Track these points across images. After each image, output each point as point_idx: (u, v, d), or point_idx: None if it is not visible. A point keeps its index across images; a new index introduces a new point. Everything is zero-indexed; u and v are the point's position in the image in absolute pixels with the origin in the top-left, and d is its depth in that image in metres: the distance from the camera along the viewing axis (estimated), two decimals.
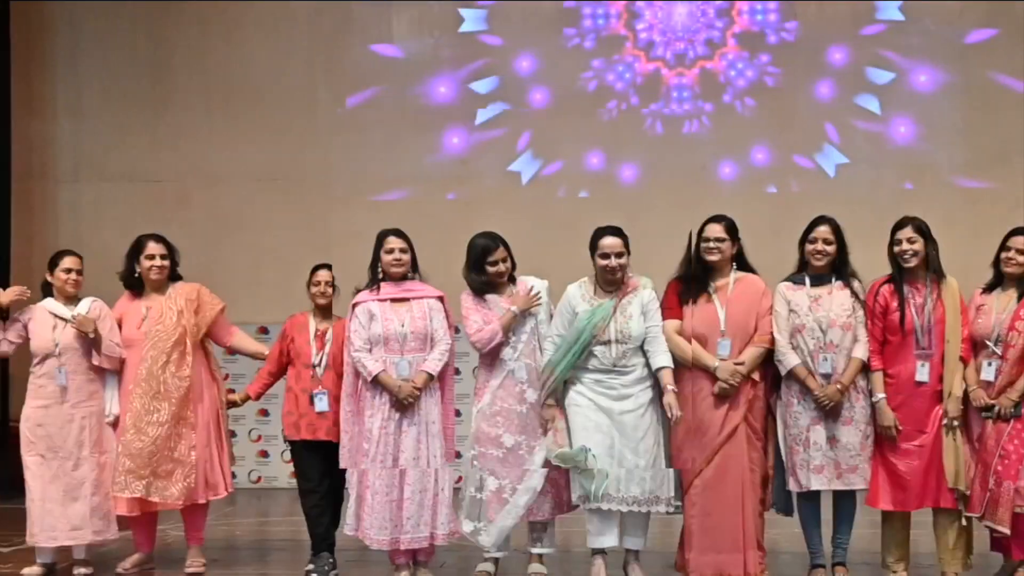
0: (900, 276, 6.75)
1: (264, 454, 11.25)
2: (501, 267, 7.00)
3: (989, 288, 6.78)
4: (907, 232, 6.74)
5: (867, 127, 11.69)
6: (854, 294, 6.76)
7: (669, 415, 6.63)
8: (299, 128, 11.97)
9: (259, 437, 11.04)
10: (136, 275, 7.43)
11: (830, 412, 6.66)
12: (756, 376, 6.77)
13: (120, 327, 7.37)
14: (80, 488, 7.20)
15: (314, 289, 7.36)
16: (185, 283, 7.51)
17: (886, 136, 11.71)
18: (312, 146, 12.00)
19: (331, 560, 7.22)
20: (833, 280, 6.79)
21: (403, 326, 6.91)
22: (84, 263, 7.46)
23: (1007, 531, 6.50)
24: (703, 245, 6.81)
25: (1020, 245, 6.64)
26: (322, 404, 7.20)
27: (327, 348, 7.27)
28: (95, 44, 12.06)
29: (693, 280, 6.83)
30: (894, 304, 6.69)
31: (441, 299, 7.09)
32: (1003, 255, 6.70)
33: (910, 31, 11.68)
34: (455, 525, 7.00)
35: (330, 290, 7.35)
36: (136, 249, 7.45)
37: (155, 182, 12.00)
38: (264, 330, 10.48)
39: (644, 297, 6.82)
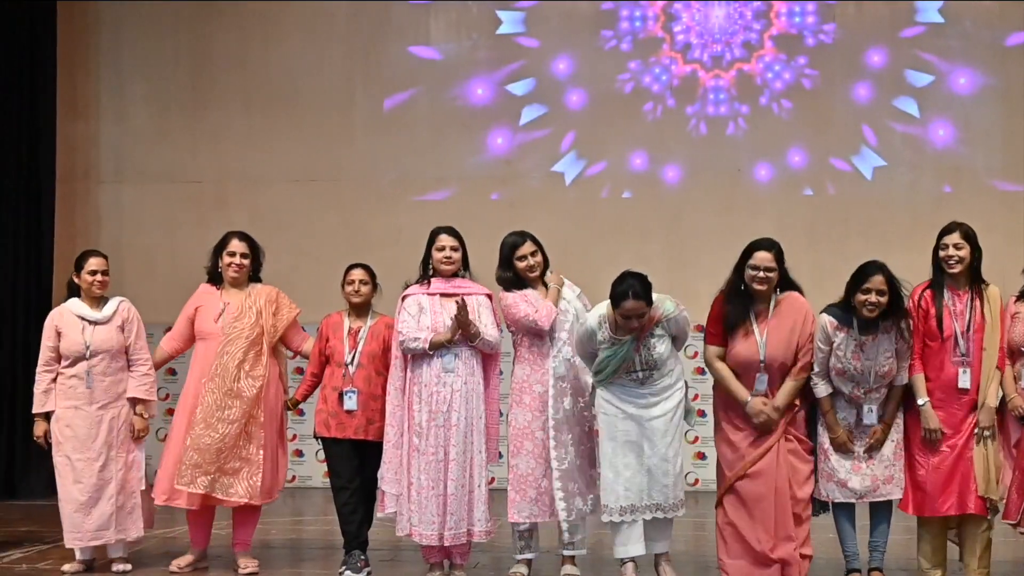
0: (941, 281, 6.68)
1: (299, 453, 11.32)
2: (531, 260, 7.02)
3: (1022, 296, 6.70)
4: (954, 238, 6.64)
5: (905, 130, 11.63)
6: (901, 335, 6.59)
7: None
8: (338, 129, 12.05)
9: (294, 436, 11.08)
10: (219, 270, 7.53)
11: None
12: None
13: (195, 317, 7.47)
14: (106, 488, 7.27)
15: (348, 288, 7.41)
16: (265, 285, 7.60)
17: (924, 139, 11.64)
18: (351, 147, 12.07)
19: (363, 558, 7.25)
20: (880, 324, 6.59)
21: (451, 320, 6.95)
22: (124, 263, 7.53)
23: None
24: (752, 273, 6.62)
25: None
26: (351, 403, 7.24)
27: (360, 347, 7.31)
28: (137, 45, 12.18)
29: (735, 303, 6.67)
30: (933, 310, 6.65)
31: (490, 296, 7.15)
32: None
33: (949, 33, 11.61)
34: (492, 524, 7.04)
35: (365, 288, 7.38)
36: (220, 245, 7.56)
37: (195, 183, 12.11)
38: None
39: (670, 327, 6.71)
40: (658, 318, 6.67)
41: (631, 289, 6.51)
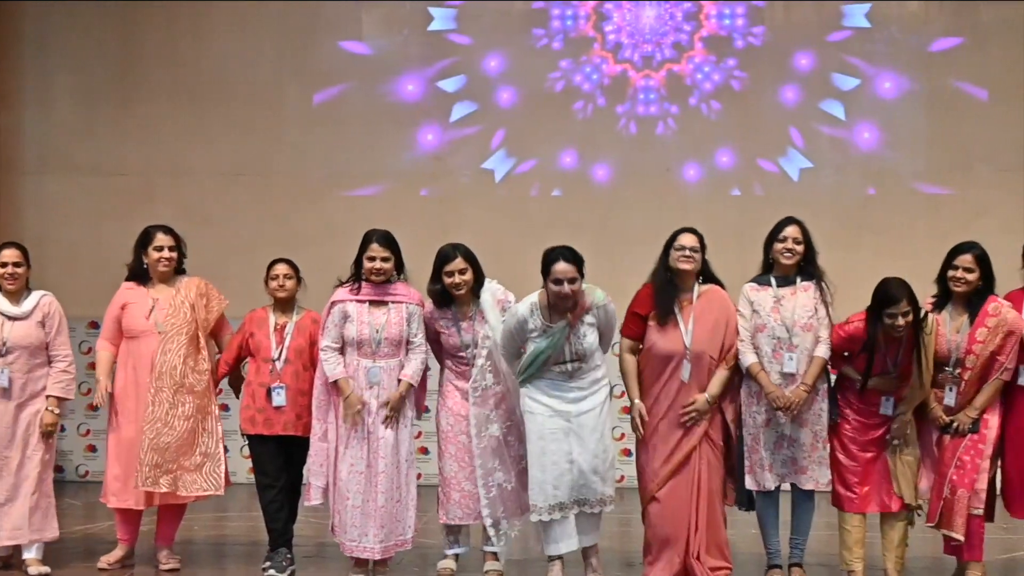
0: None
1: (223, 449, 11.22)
2: (457, 278, 6.91)
3: (937, 307, 6.77)
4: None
5: (831, 132, 11.77)
6: (820, 294, 6.77)
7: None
8: (267, 123, 11.96)
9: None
10: (144, 266, 7.38)
11: (787, 412, 6.68)
12: None
13: (122, 316, 7.32)
14: (21, 487, 7.11)
15: (272, 283, 7.33)
16: (191, 277, 7.47)
17: (850, 141, 11.79)
18: (281, 141, 11.99)
19: (289, 556, 7.22)
20: (799, 280, 6.80)
21: (378, 332, 6.90)
22: (47, 256, 7.40)
23: (961, 538, 6.59)
24: (678, 254, 6.75)
25: (967, 263, 6.61)
26: (279, 399, 7.19)
27: (287, 342, 7.25)
28: (63, 36, 12.01)
29: (660, 294, 6.77)
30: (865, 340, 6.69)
31: (422, 304, 7.07)
32: (949, 273, 6.67)
33: (875, 38, 11.77)
34: (416, 525, 7.05)
35: (289, 283, 7.31)
36: (144, 239, 7.39)
37: (121, 175, 11.96)
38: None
39: (599, 317, 6.73)
40: (588, 305, 6.69)
41: (561, 255, 6.59)
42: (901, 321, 6.50)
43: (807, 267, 6.82)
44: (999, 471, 6.79)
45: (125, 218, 11.31)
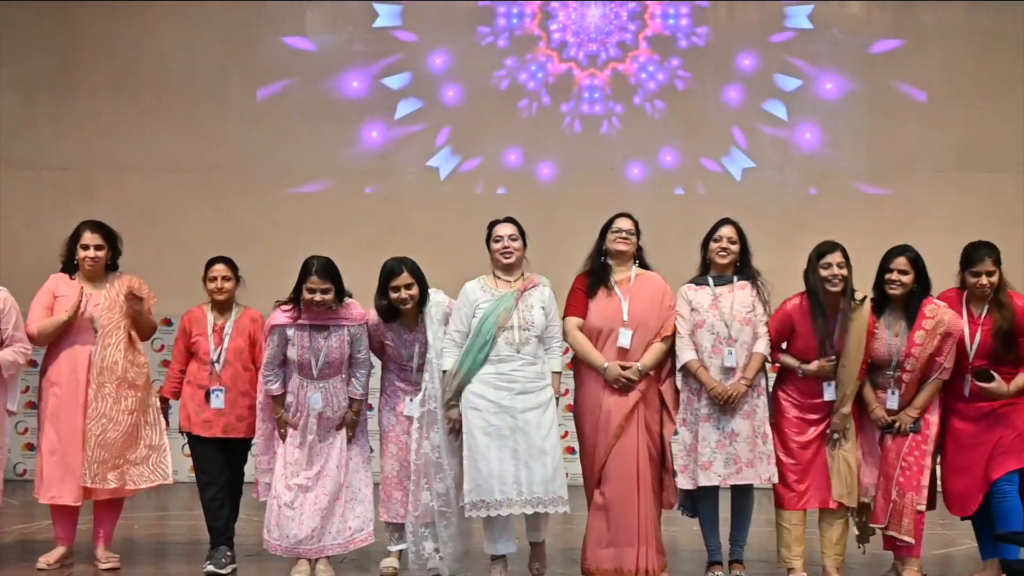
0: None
1: None
2: (403, 293, 6.85)
3: (876, 312, 6.80)
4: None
5: (774, 132, 11.88)
6: (756, 291, 6.87)
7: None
8: (210, 119, 11.89)
9: None
10: (74, 261, 7.29)
11: (727, 407, 6.74)
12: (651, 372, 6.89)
13: (54, 305, 7.20)
14: None
15: (210, 284, 7.25)
16: (124, 274, 7.34)
17: (792, 142, 11.90)
18: (224, 137, 11.93)
19: (229, 554, 7.18)
20: (735, 279, 6.89)
21: (320, 356, 6.88)
22: None
23: (911, 541, 6.66)
24: (614, 235, 6.92)
25: (902, 266, 6.70)
26: (218, 402, 7.15)
27: (225, 343, 7.20)
28: (2, 29, 11.85)
29: (595, 274, 6.94)
30: (804, 323, 6.77)
31: (366, 322, 7.02)
32: (885, 277, 6.75)
33: (817, 39, 11.90)
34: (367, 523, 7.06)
35: (228, 284, 7.24)
36: (74, 236, 7.30)
37: (60, 170, 11.84)
38: (168, 322, 10.42)
39: (544, 295, 6.85)
40: (537, 281, 6.86)
41: (504, 219, 6.97)
42: (836, 271, 6.64)
43: (743, 267, 6.93)
44: (939, 467, 6.88)
45: (64, 213, 11.15)
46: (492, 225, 6.99)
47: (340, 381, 6.97)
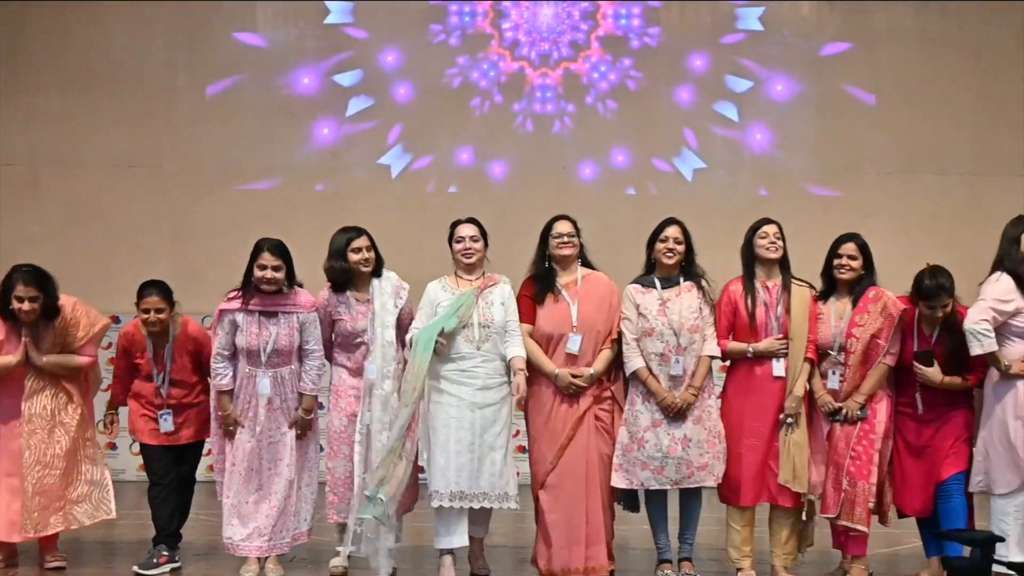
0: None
1: (112, 446, 11.03)
2: (365, 254, 6.94)
3: (823, 297, 6.96)
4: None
5: (725, 133, 11.94)
6: (702, 293, 6.91)
7: (514, 393, 6.75)
8: (159, 114, 11.80)
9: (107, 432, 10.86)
10: (9, 306, 7.00)
11: (677, 415, 6.78)
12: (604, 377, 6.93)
13: None
14: None
15: (143, 315, 7.13)
16: (63, 303, 7.09)
17: (743, 143, 11.97)
18: (173, 133, 11.83)
19: (165, 553, 7.16)
20: (682, 281, 6.92)
21: (268, 343, 6.84)
22: None
23: (865, 529, 6.73)
24: (556, 241, 6.94)
25: (851, 251, 6.86)
26: (167, 425, 7.16)
27: (168, 367, 7.17)
28: None
29: (540, 280, 6.96)
30: (742, 302, 6.86)
31: (317, 310, 7.00)
32: (835, 262, 6.89)
33: (768, 41, 11.97)
34: (311, 523, 7.02)
35: (161, 315, 7.09)
36: (7, 284, 6.97)
37: (7, 165, 11.70)
38: (116, 319, 10.32)
39: (504, 292, 6.94)
40: (497, 280, 6.93)
41: (466, 220, 7.04)
42: (773, 239, 6.85)
43: (688, 267, 6.96)
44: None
45: (10, 209, 11.12)
46: (454, 225, 7.04)
47: (290, 372, 6.92)
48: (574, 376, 6.79)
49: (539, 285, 6.96)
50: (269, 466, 6.88)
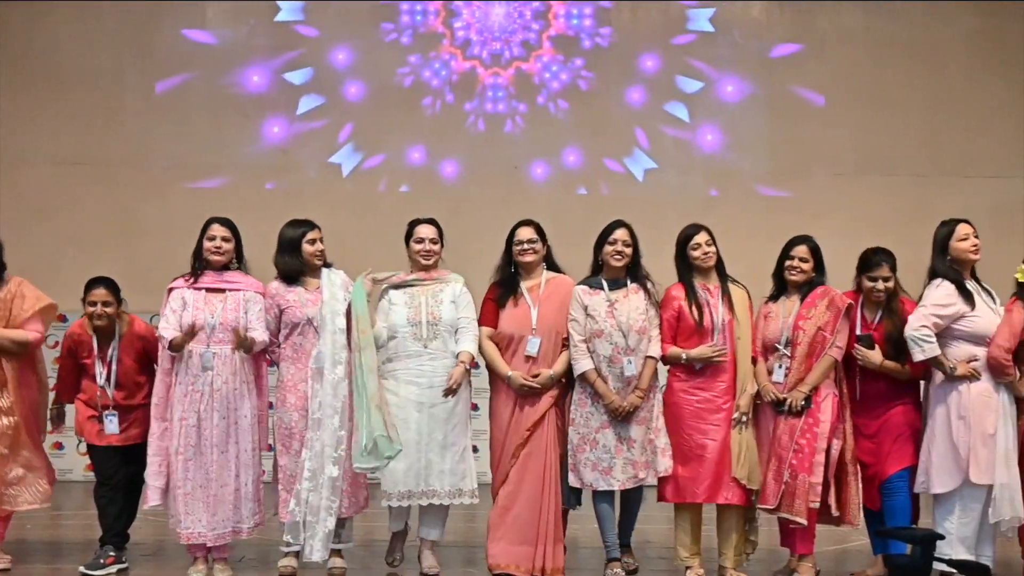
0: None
1: (59, 446, 10.92)
2: (320, 245, 6.99)
3: (773, 297, 7.03)
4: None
5: (675, 134, 11.99)
6: (648, 296, 6.95)
7: (446, 382, 6.79)
8: (107, 111, 11.70)
9: (53, 429, 10.74)
10: None
11: (624, 416, 6.82)
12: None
13: None
14: None
15: (89, 309, 7.08)
16: (8, 282, 7.09)
17: (693, 143, 12.02)
18: (121, 130, 11.75)
19: (112, 554, 7.09)
20: (628, 283, 6.96)
21: (213, 317, 6.80)
22: None
23: (804, 522, 6.74)
24: (517, 248, 7.00)
25: (802, 254, 6.91)
26: (112, 427, 7.07)
27: (113, 367, 7.09)
28: None
29: (504, 283, 7.02)
30: (685, 304, 6.88)
31: (262, 293, 6.97)
32: (787, 263, 6.95)
33: (719, 42, 12.03)
34: (260, 518, 6.94)
35: (108, 310, 7.04)
36: None
37: None
38: (63, 318, 10.21)
39: (456, 290, 6.98)
40: (446, 274, 7.00)
41: (425, 220, 7.10)
42: (706, 248, 6.88)
43: (634, 269, 7.01)
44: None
45: None
46: (414, 224, 7.10)
47: (233, 351, 6.84)
48: (533, 377, 6.83)
49: (502, 289, 7.03)
50: (211, 450, 6.75)
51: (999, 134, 11.97)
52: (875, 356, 6.81)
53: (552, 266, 7.12)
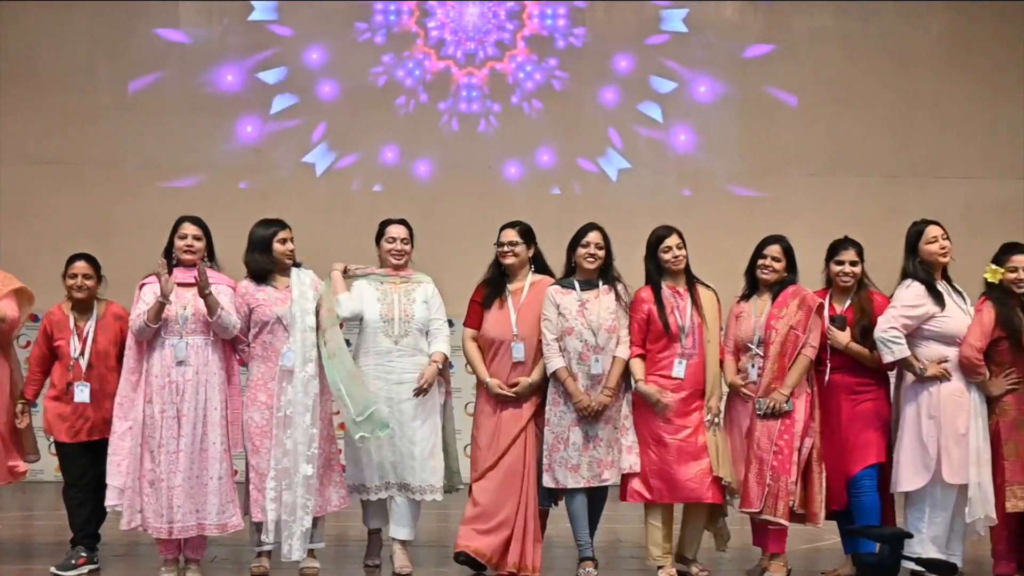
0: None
1: None
2: (291, 245, 6.98)
3: (745, 297, 7.06)
4: (773, 250, 6.95)
5: (649, 134, 12.02)
6: (619, 297, 6.98)
7: (417, 380, 6.85)
8: (79, 110, 11.66)
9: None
10: None
11: (592, 414, 6.85)
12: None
13: None
14: None
15: (70, 282, 7.10)
16: None
17: (667, 144, 12.05)
18: (94, 129, 11.70)
19: (83, 555, 7.05)
20: (600, 284, 6.99)
21: (185, 308, 6.76)
22: None
23: (787, 523, 6.78)
24: (500, 250, 7.05)
25: (775, 253, 6.94)
26: (82, 395, 7.00)
27: (88, 344, 7.07)
28: None
29: (491, 285, 7.07)
30: (655, 308, 6.89)
31: (234, 288, 6.93)
32: (759, 262, 6.98)
33: (692, 43, 12.07)
34: (232, 517, 6.88)
35: (89, 282, 7.09)
36: None
37: None
38: (34, 317, 10.15)
39: (427, 291, 7.06)
40: (414, 274, 7.09)
41: (396, 220, 7.17)
42: (677, 252, 6.90)
43: (606, 271, 7.03)
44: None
45: None
46: (385, 224, 7.17)
47: (205, 344, 6.82)
48: (511, 386, 6.88)
49: (488, 290, 7.07)
50: (185, 449, 6.72)
51: (971, 135, 12.05)
52: (843, 337, 6.84)
53: (542, 268, 7.14)
